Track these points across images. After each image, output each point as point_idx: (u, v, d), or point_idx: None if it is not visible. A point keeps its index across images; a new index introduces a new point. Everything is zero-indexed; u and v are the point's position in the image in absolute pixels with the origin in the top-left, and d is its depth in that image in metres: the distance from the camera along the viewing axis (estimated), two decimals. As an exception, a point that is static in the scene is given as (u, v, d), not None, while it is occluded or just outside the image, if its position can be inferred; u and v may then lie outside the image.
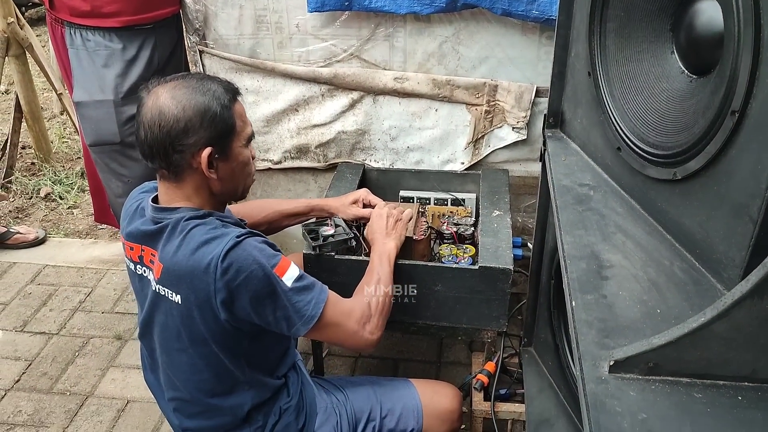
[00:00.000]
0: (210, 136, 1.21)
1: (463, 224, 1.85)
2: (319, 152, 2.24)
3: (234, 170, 1.28)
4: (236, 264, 1.17)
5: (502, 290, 1.58)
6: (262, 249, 1.22)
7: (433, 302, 1.65)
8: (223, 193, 1.30)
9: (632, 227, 1.13)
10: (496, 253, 1.60)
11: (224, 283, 1.17)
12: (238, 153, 1.27)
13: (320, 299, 1.27)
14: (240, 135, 1.27)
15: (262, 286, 1.20)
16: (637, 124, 1.15)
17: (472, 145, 2.12)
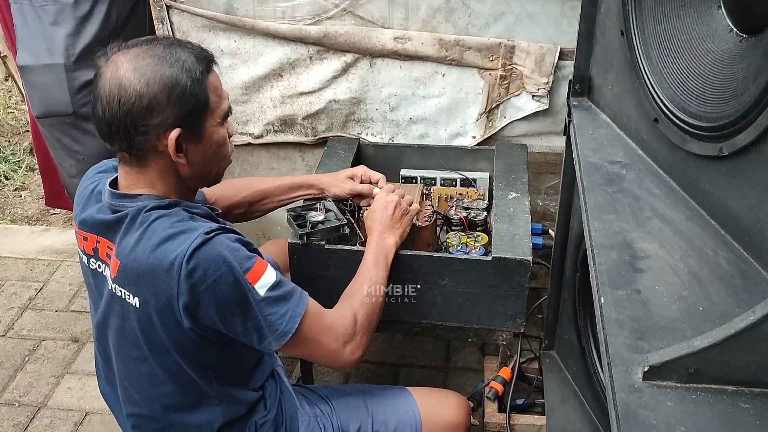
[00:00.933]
0: (178, 115, 1.20)
1: (474, 208, 1.85)
2: (306, 125, 2.23)
3: (207, 153, 1.27)
4: (203, 265, 1.17)
5: (520, 285, 1.59)
6: (234, 249, 1.21)
7: (439, 299, 1.66)
8: (193, 178, 1.29)
9: (670, 211, 1.13)
10: (512, 242, 1.60)
11: (188, 286, 1.17)
12: (211, 133, 1.26)
13: (297, 312, 1.26)
14: (214, 112, 1.26)
15: (231, 293, 1.19)
16: (677, 91, 1.14)
17: (484, 116, 2.12)
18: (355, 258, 1.59)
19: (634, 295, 0.97)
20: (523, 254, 1.56)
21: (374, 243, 1.52)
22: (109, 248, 1.27)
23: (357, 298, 1.41)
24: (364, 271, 1.47)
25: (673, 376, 0.85)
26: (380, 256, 1.50)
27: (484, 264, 1.58)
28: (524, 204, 1.75)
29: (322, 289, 1.58)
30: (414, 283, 1.63)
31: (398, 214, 1.59)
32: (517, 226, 1.66)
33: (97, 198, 1.31)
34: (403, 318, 1.70)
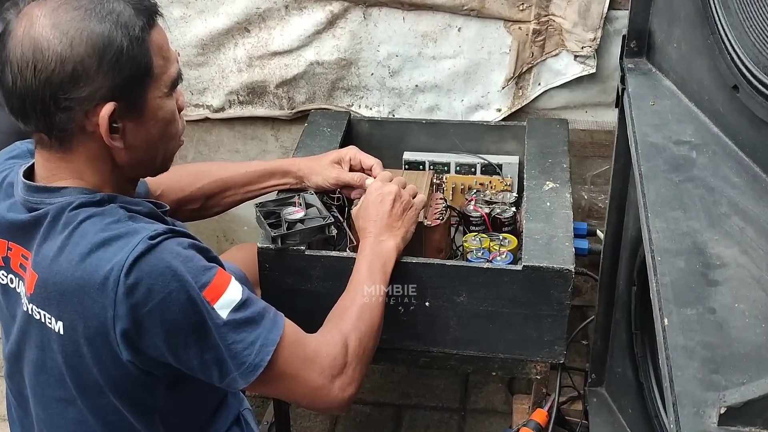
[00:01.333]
0: (112, 85, 1.19)
1: (499, 203, 1.84)
2: (281, 94, 2.23)
3: (150, 133, 1.27)
4: (147, 280, 1.17)
5: (559, 302, 1.59)
6: (187, 258, 1.21)
7: (453, 321, 1.65)
8: (133, 166, 1.29)
9: (754, 206, 1.12)
10: (548, 247, 1.60)
11: (128, 307, 1.17)
12: (156, 107, 1.26)
13: (270, 339, 1.26)
14: (159, 80, 1.26)
15: (183, 315, 1.19)
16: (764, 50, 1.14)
17: (513, 82, 2.12)
18: (344, 267, 1.58)
19: (707, 315, 0.97)
20: (563, 262, 1.56)
21: (368, 248, 1.52)
22: (23, 257, 1.26)
23: (348, 319, 1.41)
24: (356, 284, 1.47)
25: (757, 420, 0.85)
26: (376, 265, 1.50)
27: (513, 275, 1.58)
28: (564, 197, 1.75)
29: (301, 308, 1.58)
30: (421, 299, 1.63)
31: (398, 209, 1.58)
32: (555, 226, 1.66)
33: (7, 192, 1.31)
34: (407, 345, 1.69)
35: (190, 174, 1.75)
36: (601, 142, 2.17)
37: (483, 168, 1.98)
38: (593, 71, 2.07)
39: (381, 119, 2.13)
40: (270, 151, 2.34)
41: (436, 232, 1.72)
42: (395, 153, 2.04)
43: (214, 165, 1.83)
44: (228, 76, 2.22)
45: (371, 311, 1.44)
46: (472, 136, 2.03)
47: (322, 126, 2.06)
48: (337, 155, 1.77)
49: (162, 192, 1.67)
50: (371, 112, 2.22)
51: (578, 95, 2.13)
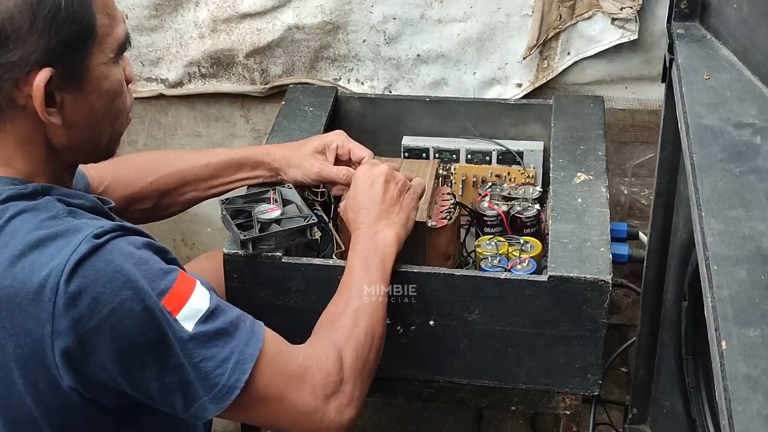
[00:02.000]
0: (48, 47, 1.20)
1: (519, 199, 1.84)
2: (252, 65, 2.23)
3: (93, 107, 1.28)
4: (93, 288, 1.17)
5: (593, 321, 1.58)
6: (142, 260, 1.22)
7: (464, 343, 1.65)
8: (72, 149, 1.30)
9: (833, 204, 1.13)
10: (580, 253, 1.60)
11: (70, 321, 1.17)
12: (100, 75, 1.27)
13: (246, 354, 1.26)
14: (104, 42, 1.26)
15: (138, 330, 1.19)
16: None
17: (537, 51, 2.12)
18: (330, 278, 1.58)
19: (774, 338, 0.97)
20: (598, 272, 1.56)
21: (361, 241, 1.53)
22: None
23: (342, 326, 1.41)
24: (350, 284, 1.47)
25: (836, 465, 0.84)
26: (373, 260, 1.50)
27: (537, 287, 1.58)
28: (600, 192, 1.75)
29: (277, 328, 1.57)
30: (424, 317, 1.63)
31: (393, 190, 1.58)
32: (588, 227, 1.66)
33: None
34: (407, 373, 1.70)
35: (140, 165, 1.75)
36: (644, 124, 2.17)
37: (500, 156, 1.98)
38: (634, 38, 2.07)
39: (375, 96, 2.13)
40: (239, 135, 2.34)
41: (442, 234, 1.71)
42: (393, 138, 2.04)
43: (170, 154, 1.83)
44: (187, 44, 2.21)
45: (370, 316, 1.44)
46: (486, 117, 2.03)
47: (302, 105, 2.06)
48: (320, 142, 1.77)
49: (106, 187, 1.66)
50: (363, 87, 2.22)
51: (616, 67, 2.13)
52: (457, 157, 1.99)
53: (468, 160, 1.99)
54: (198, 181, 1.76)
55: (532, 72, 2.14)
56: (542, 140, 2.00)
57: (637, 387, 1.87)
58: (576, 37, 2.10)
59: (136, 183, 1.71)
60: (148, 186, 1.72)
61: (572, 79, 2.15)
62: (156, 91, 2.28)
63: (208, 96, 2.29)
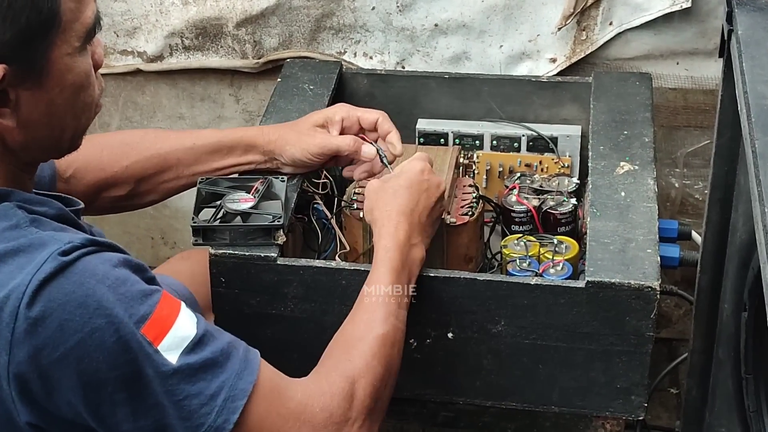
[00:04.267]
0: (1, 40, 1.18)
1: (553, 192, 1.84)
2: (243, 37, 2.22)
3: (54, 104, 1.27)
4: (59, 314, 1.16)
5: (638, 334, 1.58)
6: (119, 281, 1.21)
7: (488, 360, 1.65)
8: (30, 149, 1.29)
9: None
10: (623, 255, 1.60)
11: (31, 351, 1.16)
12: (63, 69, 1.26)
13: (238, 390, 1.25)
14: (69, 30, 1.25)
15: (109, 364, 1.18)
16: None
17: (574, 20, 2.11)
18: (332, 283, 1.58)
19: None
20: (644, 277, 1.55)
21: (396, 250, 1.52)
22: None
23: (359, 355, 1.40)
24: (376, 303, 1.47)
25: None
26: (403, 278, 1.50)
27: (572, 294, 1.57)
28: (646, 184, 1.74)
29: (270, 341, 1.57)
30: (442, 329, 1.63)
31: (438, 210, 1.62)
32: (632, 226, 1.65)
33: None
34: (422, 394, 1.69)
35: (114, 146, 1.74)
36: (698, 106, 2.17)
37: (530, 143, 1.98)
38: (688, 5, 2.05)
39: (385, 72, 2.13)
40: (228, 117, 2.34)
41: (463, 233, 1.71)
42: (406, 120, 2.03)
43: (149, 134, 1.82)
44: (168, 11, 2.21)
45: (392, 346, 1.43)
46: (515, 97, 2.03)
47: (301, 82, 2.06)
48: (321, 116, 1.77)
49: (75, 171, 1.66)
50: (372, 62, 2.21)
51: (666, 40, 2.12)
52: (480, 143, 1.99)
53: (493, 147, 1.99)
54: (181, 166, 1.75)
55: (568, 45, 2.14)
56: (580, 124, 2.00)
57: (688, 411, 1.87)
58: (619, 4, 2.09)
59: (109, 167, 1.70)
60: (123, 170, 1.71)
61: (615, 53, 2.15)
62: (132, 66, 2.28)
63: (192, 72, 2.29)
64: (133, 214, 1.87)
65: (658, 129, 1.93)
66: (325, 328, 1.49)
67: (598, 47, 2.13)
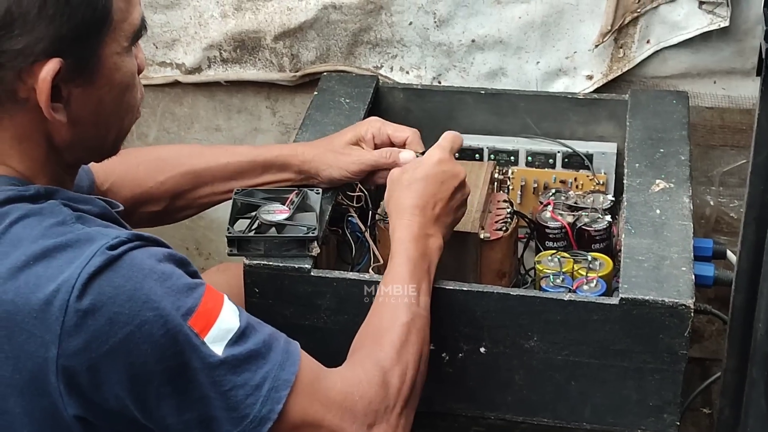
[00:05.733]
0: (58, 34, 1.20)
1: (587, 209, 1.84)
2: (281, 50, 2.24)
3: (102, 102, 1.29)
4: (109, 307, 1.17)
5: (671, 351, 1.57)
6: (165, 275, 1.22)
7: (520, 375, 1.65)
8: (75, 148, 1.31)
9: None
10: (658, 273, 1.59)
11: (81, 343, 1.17)
12: (112, 67, 1.28)
13: (281, 380, 1.26)
14: (119, 29, 1.27)
15: (157, 357, 1.19)
16: None
17: (611, 38, 2.11)
18: (365, 295, 1.60)
19: None
20: (678, 295, 1.55)
21: (411, 240, 1.53)
22: None
23: (388, 344, 1.41)
24: (399, 293, 1.48)
25: None
26: (422, 267, 1.51)
27: (606, 311, 1.57)
28: (682, 202, 1.74)
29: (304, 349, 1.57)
30: (474, 343, 1.63)
31: (459, 199, 1.60)
32: (667, 243, 1.65)
33: None
34: (453, 408, 1.70)
35: (150, 162, 1.76)
36: (735, 125, 2.16)
37: (565, 159, 1.98)
38: (725, 24, 2.05)
39: (422, 87, 2.13)
40: (264, 130, 2.35)
41: (497, 248, 1.71)
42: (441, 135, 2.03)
43: (184, 150, 1.84)
44: (207, 23, 2.23)
45: (418, 333, 1.44)
46: (550, 113, 2.03)
47: (338, 95, 2.06)
48: (353, 134, 1.78)
49: (111, 185, 1.68)
50: (408, 77, 2.22)
51: (704, 58, 2.12)
52: (515, 159, 1.99)
53: (528, 163, 1.99)
54: (216, 181, 1.76)
55: (605, 62, 2.14)
56: (615, 141, 2.00)
57: (721, 431, 1.85)
58: (657, 22, 2.09)
59: (145, 182, 1.72)
60: (158, 186, 1.73)
61: (652, 71, 2.14)
62: (170, 77, 2.29)
63: (229, 84, 2.30)
64: (168, 225, 1.88)
65: (694, 147, 1.92)
66: (358, 339, 1.50)
67: (635, 65, 2.13)
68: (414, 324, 1.44)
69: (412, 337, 1.43)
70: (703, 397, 2.19)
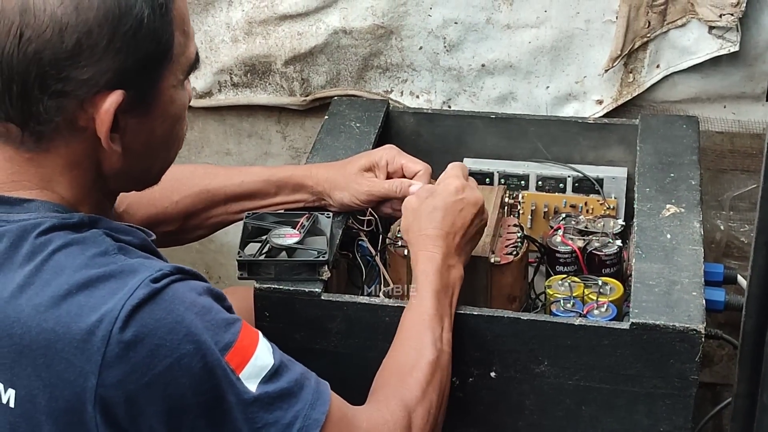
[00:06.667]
0: (123, 66, 1.21)
1: (598, 233, 1.84)
2: (292, 74, 2.24)
3: (154, 134, 1.30)
4: (152, 339, 1.17)
5: (682, 377, 1.57)
6: (205, 309, 1.23)
7: (530, 400, 1.65)
8: (121, 177, 1.32)
9: None
10: (668, 297, 1.59)
11: (121, 374, 1.17)
12: (168, 100, 1.30)
13: (312, 419, 1.26)
14: (177, 63, 1.29)
15: (194, 390, 1.20)
16: None
17: (621, 63, 2.11)
18: (375, 319, 1.59)
19: None
20: (689, 320, 1.55)
21: (435, 272, 1.53)
22: None
23: (414, 383, 1.42)
24: (423, 329, 1.48)
25: None
26: (445, 302, 1.52)
27: (617, 336, 1.57)
28: (692, 227, 1.74)
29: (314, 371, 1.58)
30: (485, 368, 1.63)
31: (477, 226, 1.61)
32: (678, 268, 1.65)
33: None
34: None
35: (164, 182, 1.73)
36: (745, 149, 2.16)
37: (576, 183, 1.98)
38: (736, 49, 2.06)
39: (432, 112, 2.14)
40: (275, 154, 2.35)
41: (507, 272, 1.71)
42: (452, 159, 1.99)
43: (198, 169, 1.84)
44: (218, 48, 2.24)
45: (443, 371, 1.45)
46: (560, 137, 2.04)
47: (348, 120, 2.07)
48: (368, 160, 1.78)
49: (128, 206, 1.68)
50: (419, 101, 2.22)
51: (713, 83, 2.12)
52: (526, 183, 2.00)
53: (539, 188, 1.99)
54: (229, 201, 1.77)
55: (615, 87, 2.14)
56: (626, 166, 2.00)
57: (732, 457, 1.85)
58: (667, 47, 2.10)
59: (160, 202, 1.73)
60: (173, 206, 1.74)
61: (662, 96, 2.15)
62: (182, 101, 2.30)
63: (240, 108, 2.31)
64: (178, 248, 1.88)
65: (704, 172, 1.92)
66: (368, 364, 1.49)
67: (645, 90, 2.13)
68: (439, 362, 1.45)
69: (437, 376, 1.44)
70: (714, 423, 2.18)
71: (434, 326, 1.48)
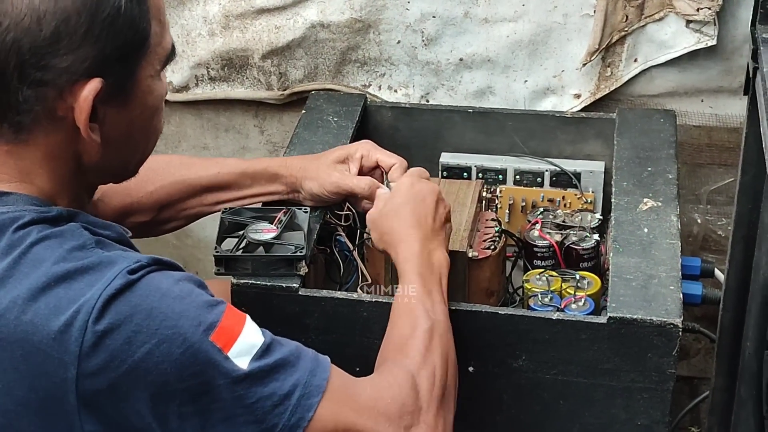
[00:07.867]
0: (102, 54, 1.22)
1: (575, 227, 1.84)
2: (269, 68, 2.24)
3: (133, 124, 1.31)
4: (127, 326, 1.17)
5: (659, 370, 1.58)
6: (183, 294, 1.23)
7: (508, 394, 1.65)
8: (100, 168, 1.32)
9: None
10: (645, 291, 1.59)
11: (99, 363, 1.17)
12: (146, 89, 1.30)
13: (312, 386, 1.26)
14: (154, 53, 1.29)
15: (177, 375, 1.19)
16: None
17: (599, 57, 2.12)
18: (353, 314, 1.59)
19: None
20: (666, 314, 1.55)
21: (414, 257, 1.53)
22: None
23: (412, 352, 1.42)
24: (411, 304, 1.48)
25: None
26: (432, 279, 1.52)
27: (594, 330, 1.57)
28: (670, 221, 1.75)
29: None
30: (462, 363, 1.60)
31: (442, 213, 1.61)
32: (655, 262, 1.66)
33: None
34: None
35: (139, 172, 1.76)
36: (722, 143, 2.17)
37: (553, 178, 1.98)
38: (713, 43, 2.06)
39: (410, 106, 2.14)
40: (252, 148, 2.35)
41: (484, 267, 1.72)
42: (429, 154, 2.05)
43: (174, 160, 1.83)
44: (195, 42, 2.24)
45: (441, 337, 1.45)
46: (538, 132, 2.04)
47: (326, 114, 2.07)
48: (343, 152, 1.78)
49: (102, 196, 1.66)
50: (396, 95, 2.23)
51: (691, 77, 2.13)
52: (503, 177, 2.00)
53: (516, 182, 1.99)
54: (204, 191, 1.77)
55: (593, 81, 2.15)
56: (603, 160, 2.00)
57: (709, 451, 1.86)
58: (644, 41, 2.10)
59: (135, 192, 1.72)
60: (147, 196, 1.73)
61: (639, 90, 2.16)
62: (158, 96, 2.30)
63: (217, 102, 2.31)
64: (155, 243, 1.88)
65: (681, 166, 1.93)
66: (347, 359, 1.48)
67: (623, 84, 2.14)
68: (435, 330, 1.44)
69: (435, 341, 1.43)
70: (691, 416, 2.19)
71: (424, 300, 1.47)
